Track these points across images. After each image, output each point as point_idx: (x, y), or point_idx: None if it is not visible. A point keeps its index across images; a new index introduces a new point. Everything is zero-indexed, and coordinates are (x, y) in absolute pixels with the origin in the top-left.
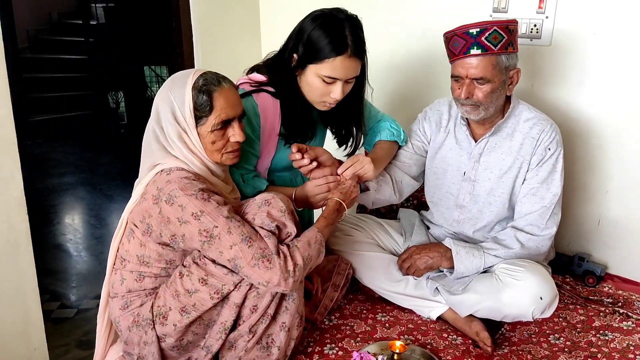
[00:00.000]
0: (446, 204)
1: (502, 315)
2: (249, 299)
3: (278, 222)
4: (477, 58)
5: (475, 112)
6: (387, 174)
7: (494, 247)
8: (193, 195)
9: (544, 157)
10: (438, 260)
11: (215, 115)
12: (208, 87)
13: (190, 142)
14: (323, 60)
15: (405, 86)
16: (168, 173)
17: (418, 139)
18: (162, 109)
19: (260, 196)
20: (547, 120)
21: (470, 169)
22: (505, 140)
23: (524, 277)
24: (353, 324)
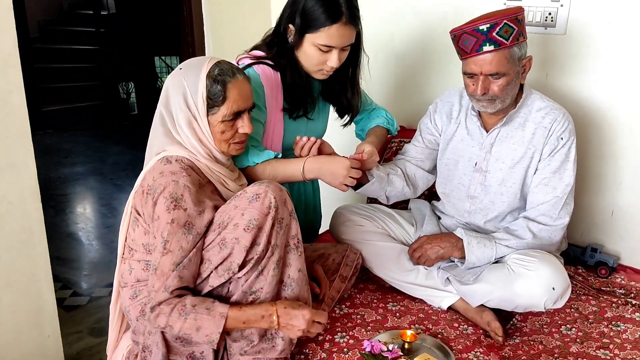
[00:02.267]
0: (458, 194)
1: (514, 305)
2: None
3: (260, 224)
4: (491, 54)
5: (492, 106)
6: (397, 167)
7: (505, 238)
8: (165, 199)
9: (557, 146)
10: (449, 250)
11: (227, 106)
12: (223, 77)
13: (200, 129)
14: (318, 30)
15: (406, 75)
16: (166, 163)
17: (429, 132)
18: (174, 94)
19: (252, 188)
20: (559, 109)
21: (481, 160)
22: (517, 130)
23: (536, 268)
24: (364, 313)
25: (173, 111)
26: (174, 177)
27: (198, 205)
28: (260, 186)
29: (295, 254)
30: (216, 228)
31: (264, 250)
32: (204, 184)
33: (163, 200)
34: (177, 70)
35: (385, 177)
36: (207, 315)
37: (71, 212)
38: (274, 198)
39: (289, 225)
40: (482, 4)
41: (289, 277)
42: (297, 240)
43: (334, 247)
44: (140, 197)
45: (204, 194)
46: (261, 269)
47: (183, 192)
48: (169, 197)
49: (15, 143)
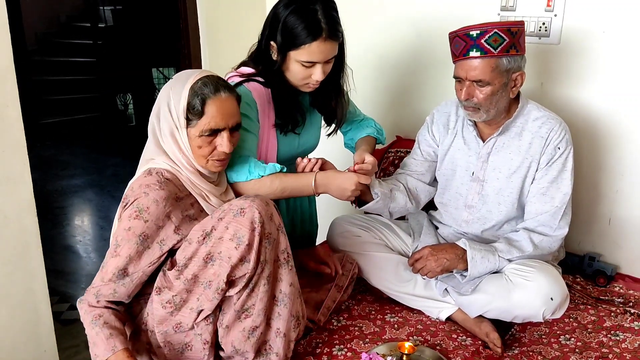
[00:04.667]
0: (455, 204)
1: (512, 316)
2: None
3: (248, 241)
4: (477, 60)
5: (477, 115)
6: (398, 182)
7: (507, 250)
8: (132, 207)
9: (554, 156)
10: (455, 262)
11: (205, 121)
12: (203, 92)
13: (180, 140)
14: (299, 47)
15: (401, 85)
16: (146, 175)
17: (427, 144)
18: (162, 104)
19: (238, 202)
20: (556, 119)
21: (478, 169)
22: (514, 139)
23: (534, 278)
24: (362, 325)
25: (161, 120)
26: (146, 189)
27: (161, 220)
28: (245, 200)
29: (286, 269)
30: (197, 239)
31: (254, 267)
32: (183, 197)
33: (130, 208)
34: (169, 81)
35: (388, 193)
36: (105, 339)
37: (68, 225)
38: (259, 213)
39: (277, 240)
40: (477, 15)
41: (281, 292)
42: (287, 255)
43: None
44: (120, 207)
45: (179, 208)
46: (252, 287)
47: (150, 205)
48: (136, 206)
49: (11, 156)
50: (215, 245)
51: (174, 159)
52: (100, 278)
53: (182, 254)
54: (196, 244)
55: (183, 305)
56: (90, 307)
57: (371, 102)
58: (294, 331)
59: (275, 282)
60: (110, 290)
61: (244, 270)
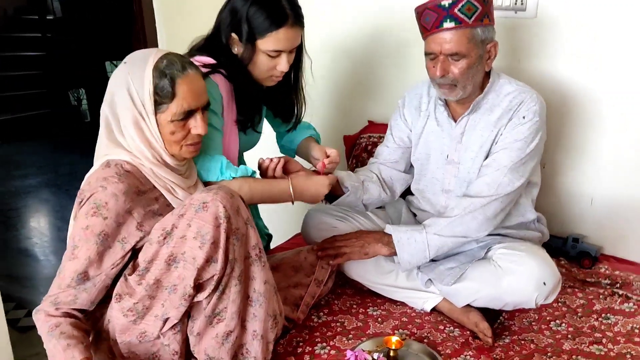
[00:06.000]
0: (432, 189)
1: (502, 303)
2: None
3: (213, 239)
4: (451, 32)
5: (453, 93)
6: (371, 173)
7: (435, 222)
8: (89, 203)
9: (517, 124)
10: (375, 247)
11: (177, 103)
12: (171, 71)
13: (148, 129)
14: (265, 35)
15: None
16: (104, 167)
17: (400, 129)
18: (118, 92)
19: (199, 195)
20: (529, 91)
21: (453, 151)
22: (484, 116)
23: (524, 262)
24: (344, 320)
25: (118, 111)
26: (103, 182)
27: (122, 216)
28: (207, 193)
29: (259, 266)
30: (157, 239)
31: (223, 268)
32: (146, 191)
33: (86, 205)
34: (122, 65)
35: (359, 185)
36: (62, 351)
37: (23, 227)
38: (224, 207)
39: (246, 234)
40: None
41: (255, 291)
42: (259, 250)
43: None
44: (76, 203)
45: (141, 202)
46: (222, 288)
47: (108, 200)
48: (93, 202)
49: None
50: (177, 245)
51: (134, 152)
52: (57, 284)
53: (143, 256)
54: (157, 245)
55: (146, 313)
56: (48, 317)
57: (338, 86)
58: (271, 331)
59: (248, 281)
60: (71, 297)
61: (212, 271)
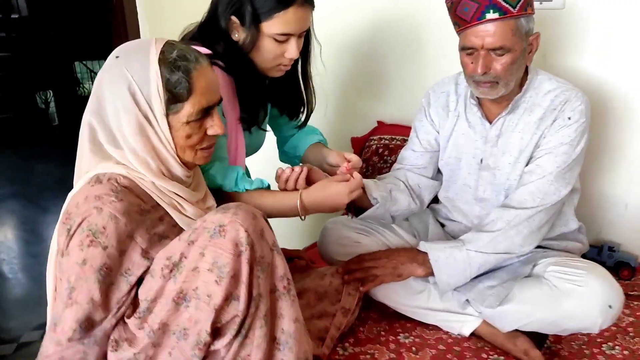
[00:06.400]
0: (464, 198)
1: (560, 329)
2: None
3: (233, 271)
4: (494, 24)
5: (494, 91)
6: (398, 180)
7: (476, 238)
8: (82, 231)
9: (562, 126)
10: (409, 267)
11: (194, 101)
12: (185, 63)
13: (155, 135)
14: (273, 16)
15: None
16: (94, 184)
17: (426, 131)
18: (111, 93)
19: (214, 216)
20: (573, 89)
21: (487, 155)
22: (523, 116)
23: (587, 283)
24: (373, 352)
25: (111, 117)
26: (97, 202)
27: (123, 243)
28: (225, 214)
29: (287, 300)
30: (161, 271)
31: (246, 307)
32: (148, 210)
33: (79, 233)
34: (112, 60)
35: (388, 196)
36: None
37: None
38: (245, 231)
39: (272, 263)
40: None
41: (283, 331)
42: (287, 282)
43: (329, 267)
44: (60, 229)
45: (145, 224)
46: (245, 332)
47: (106, 223)
48: (87, 229)
49: None
50: (188, 279)
51: (135, 165)
52: (55, 341)
53: (144, 292)
54: (161, 280)
55: None
56: None
57: (342, 83)
58: None
59: (274, 320)
60: (79, 355)
61: (232, 312)
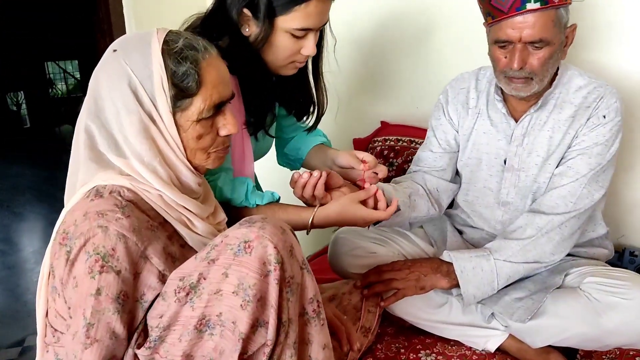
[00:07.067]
0: (484, 202)
1: (601, 344)
2: None
3: (260, 294)
4: (535, 14)
5: (528, 87)
6: (416, 184)
7: (504, 246)
8: (87, 255)
9: (597, 125)
10: (432, 279)
11: (205, 95)
12: (193, 52)
13: (161, 136)
14: (292, 9)
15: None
16: (94, 198)
17: (444, 130)
18: (109, 92)
19: (237, 231)
20: (606, 86)
21: (512, 156)
22: (552, 114)
23: (633, 295)
24: None
25: (111, 119)
26: (101, 220)
27: (137, 265)
28: (250, 228)
29: (317, 325)
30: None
31: (275, 334)
32: (156, 227)
33: (84, 258)
34: (109, 54)
35: (408, 201)
36: None
37: None
38: (274, 247)
39: (302, 284)
40: None
41: (310, 359)
42: (317, 304)
43: (346, 284)
44: (56, 251)
45: (158, 244)
46: None
47: (115, 244)
48: (94, 253)
49: None
50: (210, 304)
51: (142, 173)
52: None
53: (155, 319)
54: (175, 304)
55: None
56: None
57: (345, 81)
58: None
59: (303, 346)
60: None
61: (260, 340)
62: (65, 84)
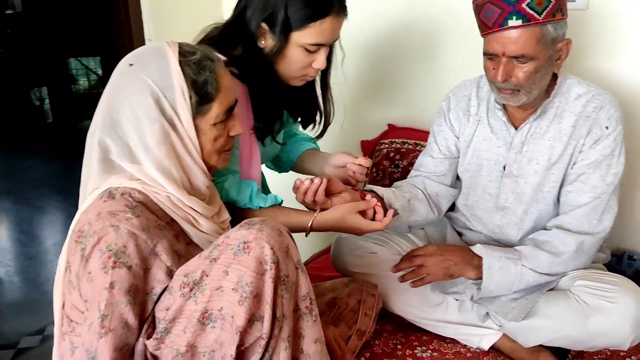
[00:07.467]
0: (484, 206)
1: (587, 346)
2: None
3: (256, 291)
4: (517, 30)
5: (515, 98)
6: (416, 189)
7: (533, 255)
8: (101, 252)
9: (600, 137)
10: (462, 269)
11: (220, 101)
12: (210, 62)
13: (180, 142)
14: (307, 26)
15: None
16: (107, 199)
17: (445, 136)
18: (131, 104)
19: (238, 232)
20: (604, 94)
21: (511, 162)
22: (553, 123)
23: (619, 299)
24: None
25: (129, 130)
26: (113, 220)
27: (147, 261)
28: (249, 230)
29: (309, 320)
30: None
31: (270, 328)
32: (164, 226)
33: (98, 254)
34: (125, 68)
35: (407, 206)
36: None
37: None
38: (271, 249)
39: (297, 283)
40: None
41: (303, 352)
42: (310, 302)
43: (345, 286)
44: (72, 248)
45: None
46: (270, 355)
47: (126, 242)
48: (106, 249)
49: None
50: (212, 299)
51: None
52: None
53: (162, 311)
54: (180, 298)
55: None
56: None
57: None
58: None
59: (296, 339)
60: None
61: (256, 333)
62: (87, 80)
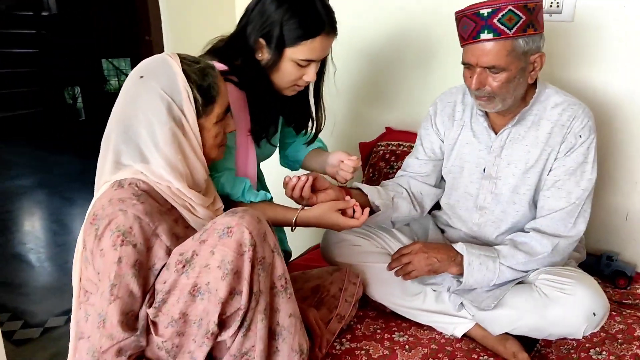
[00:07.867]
0: (464, 205)
1: (545, 334)
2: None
3: (236, 268)
4: (489, 43)
5: (491, 105)
6: (401, 188)
7: (511, 254)
8: (111, 232)
9: (574, 145)
10: (445, 265)
11: (221, 102)
12: (212, 70)
13: (186, 141)
14: (299, 44)
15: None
16: (117, 188)
17: (431, 140)
18: (145, 111)
19: (223, 219)
20: (579, 104)
21: (490, 165)
22: (531, 130)
23: (573, 291)
24: (368, 347)
25: (142, 134)
26: (122, 205)
27: (149, 240)
28: (233, 217)
29: (284, 297)
30: (175, 266)
31: (248, 301)
32: (165, 212)
33: (109, 234)
34: (136, 80)
35: (390, 203)
36: None
37: (17, 231)
38: (250, 233)
39: (272, 264)
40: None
41: (279, 324)
42: (285, 281)
43: (330, 274)
44: (87, 229)
45: (166, 224)
46: (248, 325)
47: (132, 224)
48: (116, 230)
49: None
50: (201, 275)
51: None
52: (106, 335)
53: (160, 284)
54: (175, 273)
55: (178, 352)
56: None
57: (352, 89)
58: None
59: (272, 313)
60: (135, 343)
61: (235, 305)
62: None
